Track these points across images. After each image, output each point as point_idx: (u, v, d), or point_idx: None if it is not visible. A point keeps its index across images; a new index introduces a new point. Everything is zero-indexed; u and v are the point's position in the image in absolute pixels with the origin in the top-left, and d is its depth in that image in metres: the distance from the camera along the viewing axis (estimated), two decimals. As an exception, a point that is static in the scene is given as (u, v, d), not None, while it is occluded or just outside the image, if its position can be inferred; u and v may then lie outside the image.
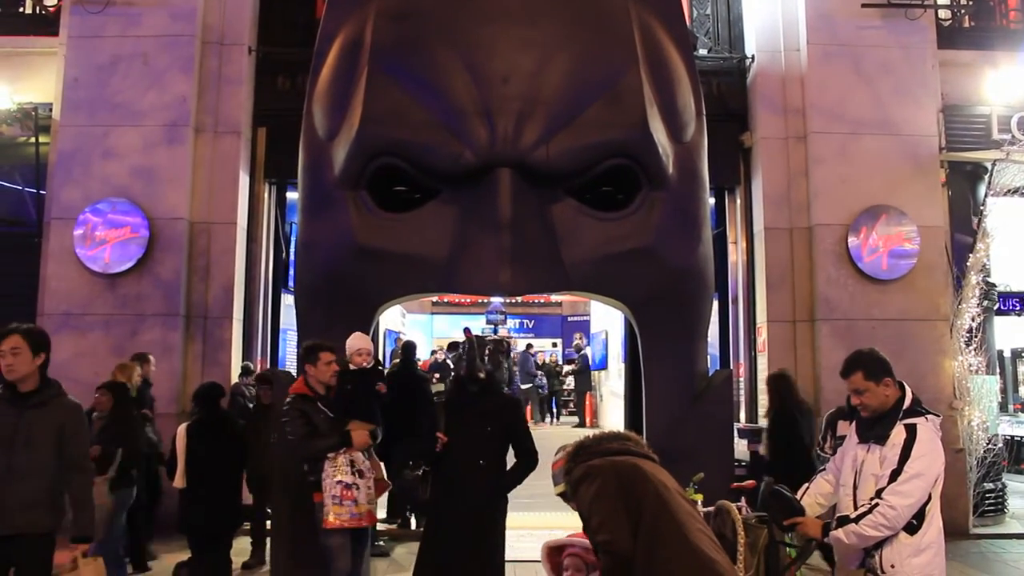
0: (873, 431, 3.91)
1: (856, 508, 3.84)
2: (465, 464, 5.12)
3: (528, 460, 5.29)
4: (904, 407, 3.86)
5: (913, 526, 3.69)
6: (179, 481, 6.06)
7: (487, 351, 4.62)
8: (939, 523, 3.82)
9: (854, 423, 4.15)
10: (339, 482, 5.26)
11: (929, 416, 3.85)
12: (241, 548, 7.52)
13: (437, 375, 12.18)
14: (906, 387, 3.95)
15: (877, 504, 3.62)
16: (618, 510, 3.12)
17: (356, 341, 5.65)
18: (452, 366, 12.22)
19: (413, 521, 8.95)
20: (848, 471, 3.99)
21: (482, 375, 5.30)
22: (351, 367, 5.58)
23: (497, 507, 5.21)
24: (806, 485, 4.30)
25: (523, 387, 16.98)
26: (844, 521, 3.71)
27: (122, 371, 7.39)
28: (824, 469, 4.36)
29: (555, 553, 3.82)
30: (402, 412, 7.56)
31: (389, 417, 5.77)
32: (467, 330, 4.24)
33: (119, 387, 6.90)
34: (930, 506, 3.74)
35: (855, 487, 3.93)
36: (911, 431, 3.75)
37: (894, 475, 3.66)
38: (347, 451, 5.31)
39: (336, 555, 5.27)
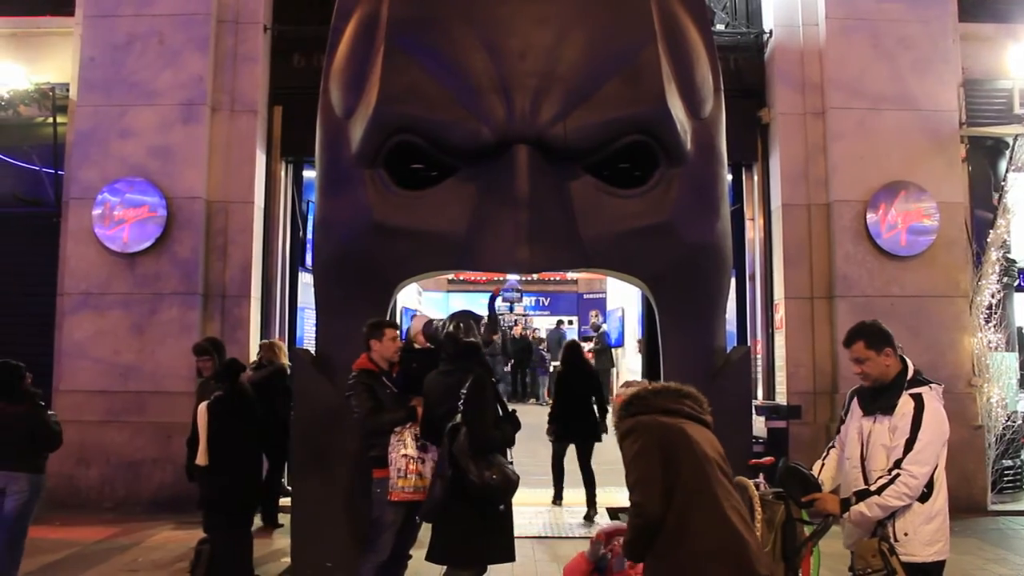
0: (878, 403, 3.95)
1: (866, 481, 3.87)
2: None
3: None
4: (908, 377, 3.90)
5: (924, 494, 3.76)
6: (202, 458, 6.10)
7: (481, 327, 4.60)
8: (945, 491, 3.91)
9: (856, 397, 4.17)
10: (405, 456, 5.35)
11: (932, 385, 3.92)
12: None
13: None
14: (907, 359, 3.99)
15: (899, 474, 3.68)
16: (655, 473, 3.16)
17: (420, 322, 5.77)
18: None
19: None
20: (854, 444, 4.01)
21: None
22: (416, 346, 5.69)
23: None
24: (821, 461, 4.31)
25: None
26: (865, 494, 3.72)
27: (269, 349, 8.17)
28: (833, 445, 4.37)
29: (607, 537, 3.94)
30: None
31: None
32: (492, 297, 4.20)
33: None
34: (937, 473, 3.83)
35: (863, 459, 3.97)
36: (918, 400, 3.82)
37: (909, 444, 3.71)
38: (412, 426, 5.41)
39: (387, 530, 5.39)
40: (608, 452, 6.71)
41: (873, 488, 3.73)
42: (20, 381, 6.23)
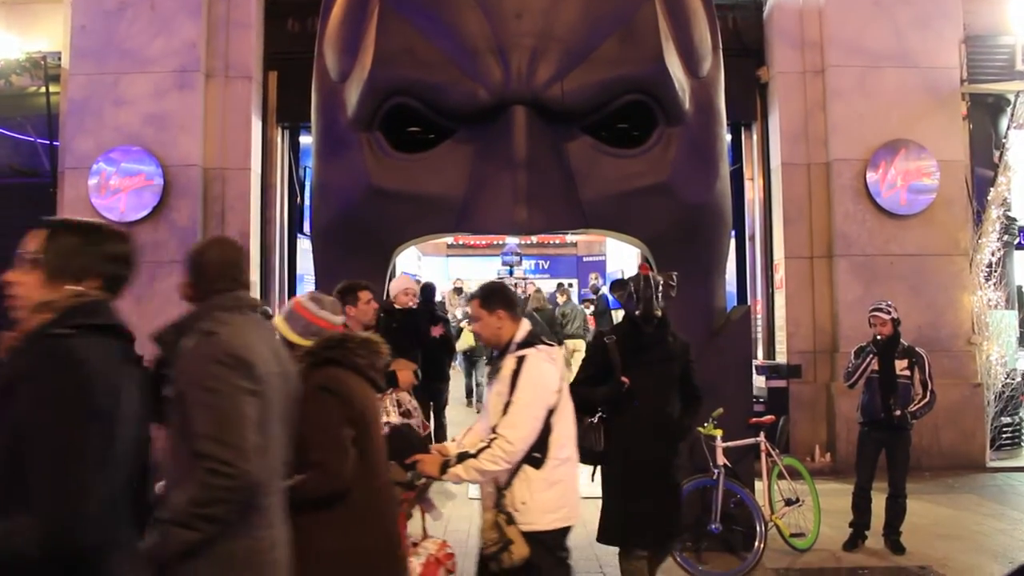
0: (495, 366, 3.85)
1: None
2: (651, 410, 4.74)
3: (700, 402, 5.05)
4: (517, 340, 3.75)
5: (537, 460, 3.58)
6: None
7: (659, 289, 4.34)
8: (569, 456, 3.73)
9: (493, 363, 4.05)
10: (387, 423, 5.15)
11: (542, 347, 3.74)
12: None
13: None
14: (523, 322, 3.85)
15: (494, 438, 3.53)
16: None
17: (402, 282, 5.61)
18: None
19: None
20: (488, 409, 3.86)
21: (659, 314, 4.78)
22: (396, 307, 5.51)
23: (678, 454, 4.94)
24: (469, 427, 4.19)
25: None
26: (465, 457, 3.59)
27: None
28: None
29: None
30: (424, 354, 7.59)
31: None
32: (644, 264, 4.09)
33: None
34: (554, 438, 3.64)
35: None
36: (520, 361, 3.63)
37: (507, 407, 3.57)
38: (393, 391, 5.20)
39: None
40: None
41: (473, 451, 3.59)
42: None
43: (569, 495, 3.69)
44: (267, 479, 2.57)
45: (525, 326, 3.83)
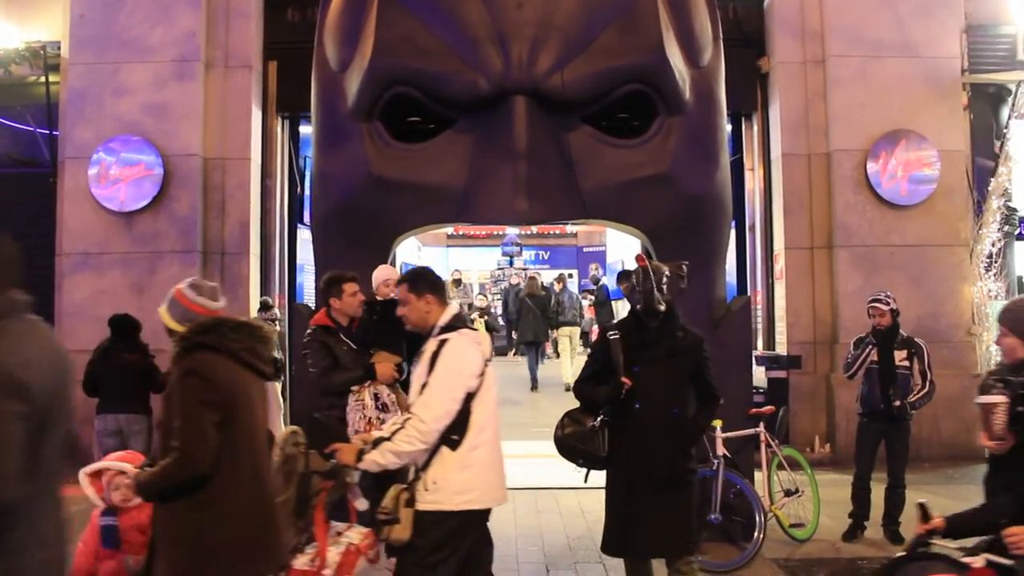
0: (418, 351, 3.85)
1: None
2: (656, 411, 4.41)
3: (715, 401, 4.65)
4: (440, 323, 3.76)
5: (454, 441, 3.59)
6: None
7: (663, 281, 4.06)
8: (488, 439, 3.72)
9: None
10: (363, 417, 5.04)
11: (465, 331, 3.76)
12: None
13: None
14: (450, 306, 3.86)
15: (409, 419, 3.54)
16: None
17: (382, 272, 5.56)
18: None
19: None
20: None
21: (662, 307, 4.45)
22: (377, 298, 5.48)
23: (689, 457, 4.55)
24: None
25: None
26: (380, 441, 3.58)
27: None
28: None
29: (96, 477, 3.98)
30: (419, 345, 7.58)
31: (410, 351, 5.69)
32: (640, 256, 3.95)
33: None
34: (473, 421, 3.64)
35: None
36: (441, 344, 3.65)
37: (423, 389, 3.59)
38: (372, 384, 5.12)
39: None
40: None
41: (387, 435, 3.58)
42: (137, 333, 7.18)
43: (483, 478, 3.67)
44: (29, 503, 2.49)
45: (451, 311, 3.83)
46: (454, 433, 3.59)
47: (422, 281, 3.86)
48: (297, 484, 3.78)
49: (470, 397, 3.63)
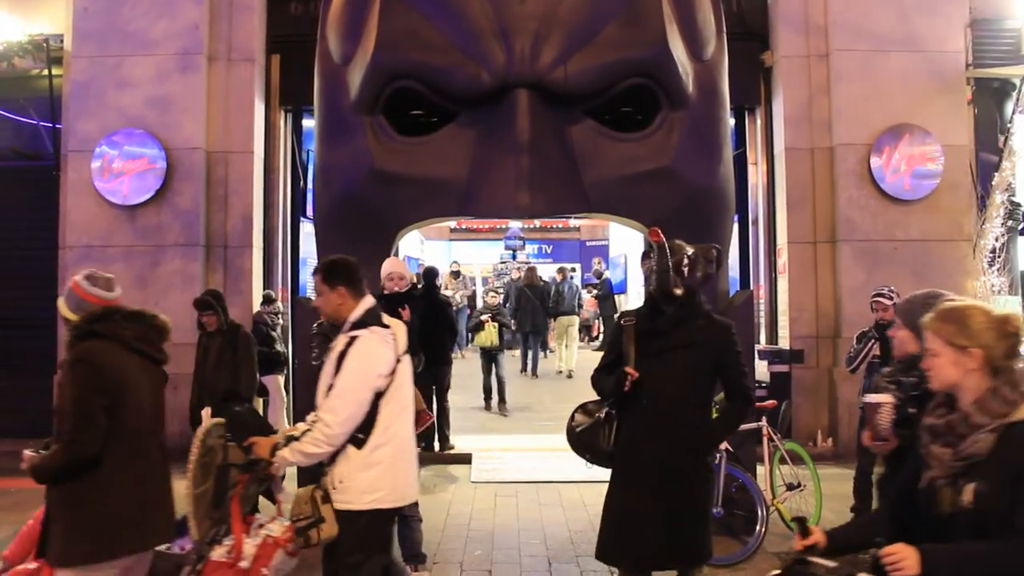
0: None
1: None
2: (664, 407, 3.88)
3: (743, 403, 4.11)
4: (352, 319, 3.72)
5: (360, 440, 3.60)
6: None
7: (685, 261, 3.62)
8: (396, 438, 3.71)
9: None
10: None
11: (376, 328, 3.70)
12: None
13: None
14: (364, 300, 3.78)
15: (315, 420, 3.56)
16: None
17: (390, 265, 5.56)
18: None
19: (437, 444, 9.04)
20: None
21: (679, 292, 3.91)
22: (384, 292, 5.48)
23: (701, 460, 4.01)
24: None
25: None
26: (292, 439, 3.62)
27: None
28: None
29: None
30: (426, 338, 7.56)
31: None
32: (655, 230, 3.68)
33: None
34: (380, 419, 3.63)
35: None
36: (350, 342, 3.62)
37: (330, 389, 3.59)
38: None
39: None
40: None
41: (297, 434, 3.61)
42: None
43: (389, 478, 3.67)
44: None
45: (364, 305, 3.76)
46: (360, 432, 3.61)
47: (336, 271, 3.81)
48: (215, 476, 3.81)
49: (379, 396, 3.63)
